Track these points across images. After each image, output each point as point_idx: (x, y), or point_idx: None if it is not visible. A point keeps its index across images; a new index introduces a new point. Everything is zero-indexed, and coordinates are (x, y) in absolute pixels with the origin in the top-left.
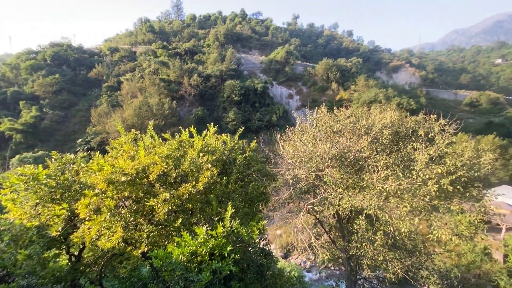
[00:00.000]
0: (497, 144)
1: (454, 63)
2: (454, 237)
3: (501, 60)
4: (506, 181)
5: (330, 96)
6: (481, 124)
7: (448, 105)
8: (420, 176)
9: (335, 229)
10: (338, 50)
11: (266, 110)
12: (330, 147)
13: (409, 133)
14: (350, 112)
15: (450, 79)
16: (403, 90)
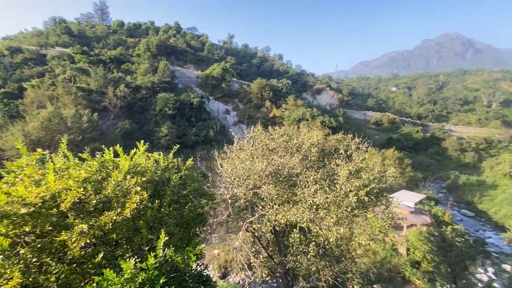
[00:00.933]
0: (396, 156)
1: (362, 88)
2: (371, 242)
3: (395, 88)
4: (404, 187)
5: (264, 113)
6: (384, 140)
7: (360, 124)
8: (342, 189)
9: (272, 244)
10: (270, 71)
11: (203, 125)
12: (266, 164)
13: (332, 151)
14: (283, 131)
15: (360, 102)
16: (325, 110)
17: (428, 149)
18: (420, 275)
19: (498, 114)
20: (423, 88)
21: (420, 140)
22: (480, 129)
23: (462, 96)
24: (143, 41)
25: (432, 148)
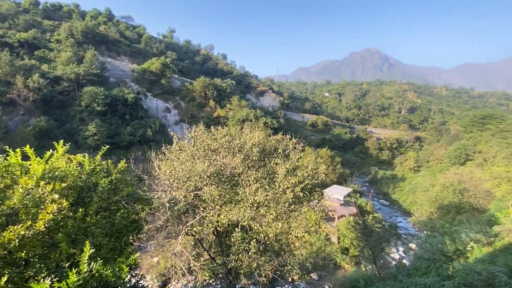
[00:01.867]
0: (329, 155)
1: (301, 92)
2: (305, 234)
3: (328, 94)
4: (335, 182)
5: (208, 112)
6: (319, 140)
7: (299, 125)
8: (281, 187)
9: (214, 245)
10: (214, 70)
11: (139, 124)
12: (208, 165)
13: (272, 150)
14: (225, 131)
15: (299, 105)
16: (268, 111)
17: (354, 148)
18: (349, 260)
19: (406, 118)
20: (350, 95)
21: (348, 140)
22: (393, 131)
23: (380, 103)
24: (65, 26)
25: (357, 147)
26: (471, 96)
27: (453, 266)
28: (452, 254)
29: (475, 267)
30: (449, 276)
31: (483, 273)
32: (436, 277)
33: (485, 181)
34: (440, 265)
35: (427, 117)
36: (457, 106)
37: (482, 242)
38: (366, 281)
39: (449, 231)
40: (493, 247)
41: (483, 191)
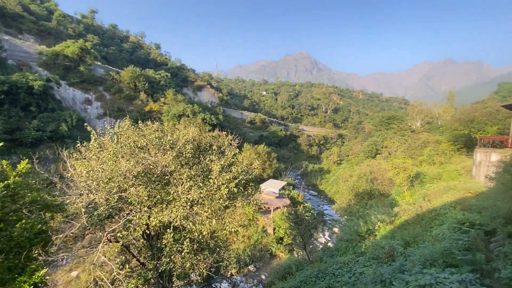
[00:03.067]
0: (266, 151)
1: (240, 90)
2: (239, 228)
3: (265, 93)
4: (271, 176)
5: (139, 106)
6: (257, 137)
7: (238, 122)
8: (215, 183)
9: (145, 249)
10: (146, 60)
11: (50, 117)
12: (134, 163)
13: (207, 147)
14: (156, 126)
15: (238, 102)
16: (206, 107)
17: (288, 144)
18: (283, 248)
19: (331, 118)
20: (285, 95)
21: (283, 137)
22: (321, 129)
23: (310, 103)
24: None
25: (291, 144)
26: (381, 100)
27: (365, 244)
28: (365, 234)
29: (380, 243)
30: (362, 252)
31: (386, 247)
32: (353, 254)
33: (388, 171)
34: (356, 244)
35: (347, 117)
36: (370, 108)
37: (386, 222)
38: (297, 266)
39: (363, 215)
40: (394, 225)
41: (387, 179)
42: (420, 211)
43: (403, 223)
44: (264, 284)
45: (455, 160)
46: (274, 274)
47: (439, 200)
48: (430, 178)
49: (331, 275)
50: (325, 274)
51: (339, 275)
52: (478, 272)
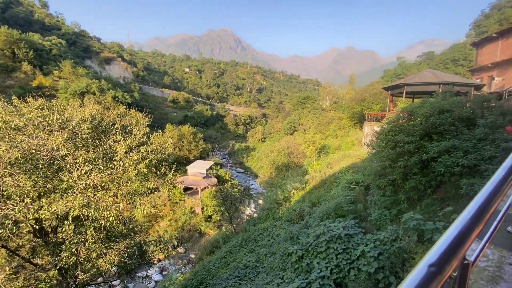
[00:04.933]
0: (191, 131)
1: (159, 65)
2: (152, 209)
3: (188, 69)
4: (198, 157)
5: (22, 80)
6: (181, 117)
7: (158, 101)
8: (121, 165)
9: (40, 248)
10: (28, 21)
11: None
12: (7, 148)
13: (110, 127)
14: (40, 103)
15: (157, 79)
16: (118, 83)
17: (215, 124)
18: (212, 226)
19: (255, 98)
20: (210, 73)
21: (209, 117)
22: (246, 108)
23: (235, 83)
24: None
25: (217, 124)
26: (298, 82)
27: (282, 209)
28: (282, 201)
29: (293, 207)
30: (279, 217)
31: (297, 210)
32: (272, 220)
33: (301, 145)
34: (274, 211)
35: (270, 97)
36: (289, 89)
37: (299, 188)
38: (224, 239)
39: (281, 185)
40: (305, 191)
41: (301, 152)
42: (324, 176)
43: (312, 188)
44: (193, 262)
45: (352, 133)
46: (202, 251)
47: (338, 166)
48: (333, 149)
49: (253, 241)
50: (248, 241)
51: (260, 240)
52: (358, 218)
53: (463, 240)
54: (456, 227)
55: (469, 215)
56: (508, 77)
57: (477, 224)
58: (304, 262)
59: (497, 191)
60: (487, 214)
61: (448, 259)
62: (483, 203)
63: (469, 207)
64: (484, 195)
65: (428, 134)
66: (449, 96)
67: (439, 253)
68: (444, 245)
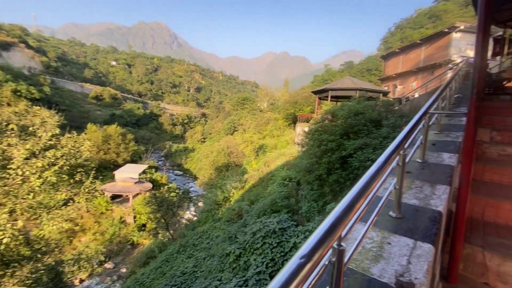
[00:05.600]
0: (119, 132)
1: (77, 56)
2: (64, 223)
3: (115, 63)
4: (129, 161)
5: None
6: (107, 116)
7: (76, 97)
8: (19, 174)
9: None
10: None
11: None
12: None
13: (3, 127)
14: None
15: (75, 71)
16: (20, 74)
17: (149, 124)
18: (146, 235)
19: (194, 97)
20: (141, 68)
21: (142, 116)
22: (184, 107)
23: (171, 80)
24: None
25: (152, 123)
26: (237, 83)
27: (221, 210)
28: (222, 202)
29: (232, 206)
30: (219, 218)
31: (236, 209)
32: (212, 222)
33: (240, 145)
34: (214, 212)
35: (209, 97)
36: (229, 89)
37: (238, 188)
38: (160, 248)
39: (221, 185)
40: (244, 189)
41: (240, 152)
42: (262, 174)
43: (251, 187)
44: (124, 277)
45: (286, 132)
46: (135, 263)
47: (274, 164)
48: (270, 148)
49: (191, 246)
50: (186, 246)
51: (198, 244)
52: (291, 212)
53: (333, 231)
54: (329, 220)
55: (341, 208)
56: (407, 86)
57: (348, 214)
58: (241, 261)
59: (367, 187)
60: (356, 206)
61: (318, 249)
62: (355, 196)
63: (343, 199)
64: (356, 190)
65: (346, 133)
66: (362, 101)
67: (310, 246)
68: (316, 238)
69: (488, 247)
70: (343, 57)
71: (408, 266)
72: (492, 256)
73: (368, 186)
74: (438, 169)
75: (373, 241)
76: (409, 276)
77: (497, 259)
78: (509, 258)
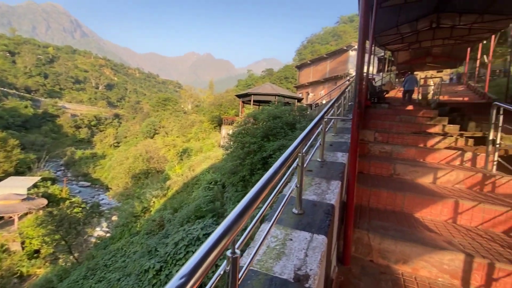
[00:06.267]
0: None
1: None
2: None
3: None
4: (12, 173)
5: None
6: None
7: None
8: None
9: None
10: None
11: None
12: None
13: None
14: None
15: None
16: None
17: (42, 126)
18: (41, 262)
19: (104, 95)
20: (30, 57)
21: (31, 116)
22: (91, 107)
23: (73, 74)
24: None
25: (46, 126)
26: (158, 82)
27: (140, 222)
28: (140, 213)
29: (152, 217)
30: (137, 232)
31: (157, 219)
32: (128, 237)
33: (161, 149)
34: (132, 226)
35: (124, 96)
36: (147, 88)
37: (160, 196)
38: (61, 276)
39: (139, 194)
40: (166, 197)
41: (162, 157)
42: (187, 179)
43: (174, 193)
44: None
45: (212, 135)
46: None
47: (200, 168)
48: (195, 151)
49: (102, 267)
50: (95, 269)
51: (112, 264)
52: (216, 216)
53: (222, 240)
54: (219, 230)
55: (234, 215)
56: (317, 93)
57: (241, 220)
58: (162, 275)
59: (263, 189)
60: (249, 210)
61: (201, 264)
62: (249, 201)
63: (237, 206)
64: (251, 194)
65: (267, 135)
66: (280, 106)
67: (193, 263)
68: (203, 251)
69: (372, 230)
70: (264, 64)
71: (305, 259)
72: (374, 237)
73: (265, 188)
74: (333, 167)
75: (277, 239)
76: (306, 268)
77: (378, 239)
78: (386, 237)
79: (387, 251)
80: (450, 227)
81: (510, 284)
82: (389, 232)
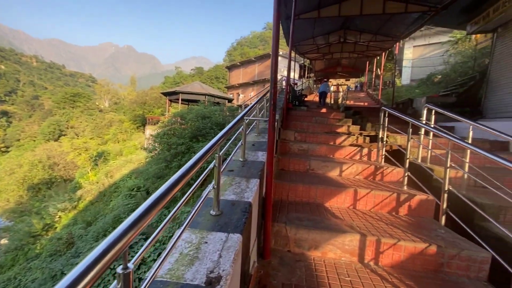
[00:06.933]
0: None
1: None
2: None
3: None
4: None
5: None
6: None
7: None
8: None
9: None
10: None
11: None
12: None
13: None
14: None
15: None
16: None
17: None
18: None
19: None
20: None
21: None
22: None
23: None
24: None
25: None
26: (64, 74)
27: (41, 243)
28: (41, 232)
29: (58, 234)
30: (37, 254)
31: (63, 237)
32: (24, 263)
33: (69, 153)
34: (29, 249)
35: (15, 89)
36: (50, 81)
37: (68, 209)
38: None
39: (39, 209)
40: (77, 210)
41: (70, 162)
42: (103, 188)
43: (87, 205)
44: None
45: (134, 136)
46: None
47: (119, 174)
48: (114, 155)
49: None
50: None
51: None
52: None
53: (102, 258)
54: (100, 247)
55: (124, 226)
56: (247, 94)
57: (134, 231)
58: None
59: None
60: (147, 218)
61: None
62: (147, 208)
63: (130, 216)
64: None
65: (195, 136)
66: (210, 105)
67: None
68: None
69: (289, 222)
70: (193, 62)
71: (219, 260)
72: (290, 228)
73: (168, 194)
74: (254, 166)
75: (191, 244)
76: (218, 270)
77: (293, 230)
78: (301, 227)
79: (301, 240)
80: (351, 212)
81: (392, 254)
82: (303, 222)
